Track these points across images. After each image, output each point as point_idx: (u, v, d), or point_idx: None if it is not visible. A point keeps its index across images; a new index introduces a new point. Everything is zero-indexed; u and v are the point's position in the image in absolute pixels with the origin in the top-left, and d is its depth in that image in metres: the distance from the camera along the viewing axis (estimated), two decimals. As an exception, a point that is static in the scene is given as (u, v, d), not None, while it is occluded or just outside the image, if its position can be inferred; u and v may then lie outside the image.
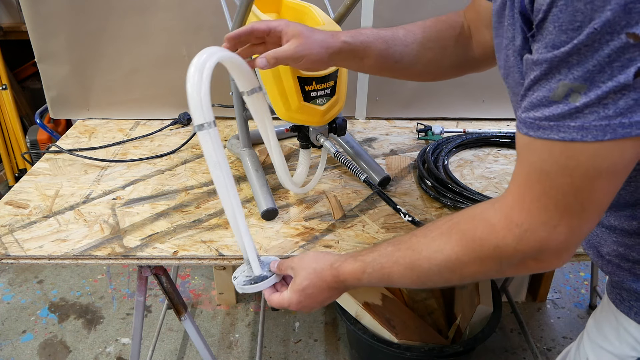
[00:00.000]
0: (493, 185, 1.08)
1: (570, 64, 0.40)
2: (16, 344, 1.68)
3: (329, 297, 0.67)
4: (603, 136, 0.40)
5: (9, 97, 2.22)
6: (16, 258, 0.87)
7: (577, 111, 0.41)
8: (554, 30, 0.40)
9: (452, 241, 0.54)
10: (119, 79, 1.40)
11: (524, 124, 0.45)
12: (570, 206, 0.45)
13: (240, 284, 0.71)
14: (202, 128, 0.62)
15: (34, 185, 1.10)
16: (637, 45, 0.37)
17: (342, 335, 1.70)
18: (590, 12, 0.37)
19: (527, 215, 0.47)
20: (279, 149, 0.86)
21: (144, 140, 1.32)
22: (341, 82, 0.91)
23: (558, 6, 0.39)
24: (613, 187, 0.45)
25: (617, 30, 0.37)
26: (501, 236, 0.49)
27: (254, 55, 0.74)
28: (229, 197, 0.66)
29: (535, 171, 0.46)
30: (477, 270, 0.53)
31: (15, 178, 2.39)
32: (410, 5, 1.30)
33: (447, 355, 1.22)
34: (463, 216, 0.55)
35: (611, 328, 0.63)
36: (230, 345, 1.67)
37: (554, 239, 0.47)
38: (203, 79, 0.61)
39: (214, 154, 0.63)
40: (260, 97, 0.77)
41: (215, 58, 0.63)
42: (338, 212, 0.99)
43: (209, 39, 1.34)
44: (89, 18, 1.31)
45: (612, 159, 0.42)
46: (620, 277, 0.59)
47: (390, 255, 0.59)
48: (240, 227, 0.69)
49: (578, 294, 1.89)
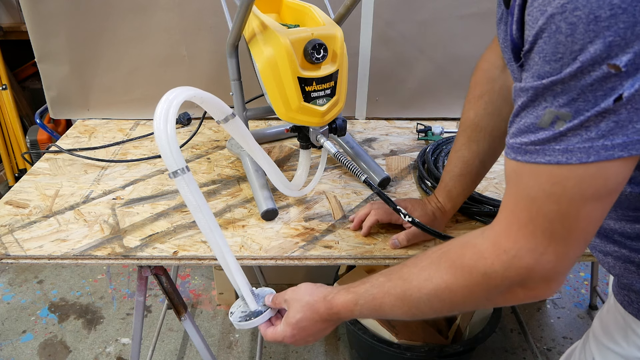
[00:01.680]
0: (493, 185, 1.08)
1: (555, 92, 0.41)
2: (16, 344, 1.68)
3: (323, 330, 0.67)
4: (587, 158, 0.41)
5: (9, 97, 2.22)
6: (16, 258, 0.87)
7: (561, 135, 0.42)
8: (539, 61, 0.42)
9: (441, 269, 0.54)
10: (119, 79, 1.40)
11: (511, 149, 0.47)
12: (557, 233, 0.46)
13: (237, 320, 0.73)
14: (177, 175, 0.63)
15: (34, 185, 1.10)
16: (617, 75, 0.38)
17: (342, 335, 1.70)
18: (571, 45, 0.39)
19: (514, 241, 0.48)
20: (270, 161, 0.87)
21: (144, 140, 1.32)
22: (341, 83, 0.91)
23: (542, 38, 0.41)
24: (599, 213, 0.45)
25: (599, 62, 0.38)
26: (489, 263, 0.50)
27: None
28: (214, 237, 0.67)
29: (523, 198, 0.47)
30: (466, 299, 0.53)
31: (15, 178, 2.39)
32: (410, 5, 1.30)
33: (447, 355, 1.22)
34: (453, 245, 0.55)
35: (618, 329, 0.63)
36: (230, 345, 1.67)
37: (542, 266, 0.47)
38: (168, 128, 0.62)
39: (192, 198, 0.64)
40: (236, 122, 0.77)
41: (177, 102, 0.64)
42: (338, 213, 0.99)
43: (209, 39, 1.34)
44: (89, 18, 1.31)
45: (597, 185, 0.43)
46: (629, 279, 0.59)
47: (382, 286, 0.60)
48: (231, 265, 0.70)
49: (578, 294, 1.89)
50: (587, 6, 0.37)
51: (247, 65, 1.01)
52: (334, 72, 0.88)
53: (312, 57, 0.84)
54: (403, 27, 1.33)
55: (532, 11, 0.42)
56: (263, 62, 0.88)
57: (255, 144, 0.82)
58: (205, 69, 1.39)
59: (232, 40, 0.95)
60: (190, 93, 0.67)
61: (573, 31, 0.38)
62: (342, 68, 0.90)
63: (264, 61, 0.87)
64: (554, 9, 0.39)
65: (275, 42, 0.85)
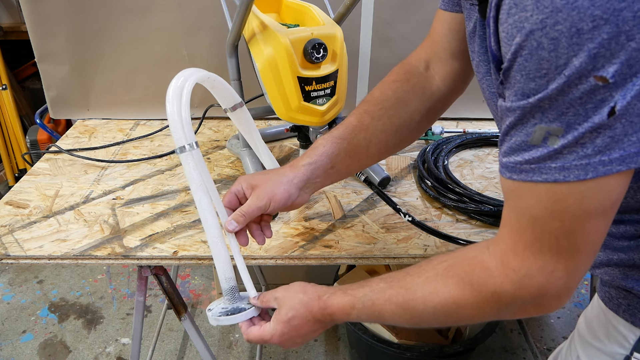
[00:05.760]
0: (493, 185, 1.08)
1: (544, 108, 0.40)
2: (16, 344, 1.68)
3: (313, 331, 0.64)
4: (585, 175, 0.41)
5: (9, 97, 2.22)
6: (16, 258, 0.87)
7: (556, 153, 0.41)
8: (521, 79, 0.41)
9: (448, 284, 0.53)
10: (119, 79, 1.40)
11: (506, 168, 0.46)
12: (564, 249, 0.45)
13: (216, 315, 0.67)
14: (184, 150, 0.61)
15: (34, 185, 1.10)
16: (606, 87, 0.37)
17: (342, 335, 1.70)
18: (556, 60, 0.38)
19: (522, 260, 0.47)
20: (272, 157, 0.86)
21: (144, 140, 1.32)
22: (341, 82, 0.91)
23: (523, 55, 0.40)
24: (604, 225, 0.45)
25: (585, 75, 0.37)
26: (499, 282, 0.49)
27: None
28: (214, 220, 0.64)
29: (525, 216, 0.46)
30: (474, 315, 0.53)
31: (15, 178, 2.39)
32: (410, 5, 1.30)
33: (447, 355, 1.22)
34: (458, 258, 0.54)
35: (601, 326, 0.63)
36: (230, 345, 1.67)
37: (553, 284, 0.47)
38: (183, 101, 0.61)
39: (197, 176, 0.62)
40: (244, 112, 0.76)
41: (193, 79, 0.64)
42: (338, 212, 0.99)
43: (209, 39, 1.34)
44: (88, 18, 1.31)
45: (599, 200, 0.42)
46: (611, 275, 0.59)
47: (383, 292, 0.58)
48: (221, 251, 0.67)
49: (578, 294, 1.89)
50: (568, 20, 0.36)
51: (247, 65, 1.01)
52: (333, 72, 0.88)
53: (311, 57, 0.84)
54: (403, 27, 1.33)
55: (507, 28, 0.41)
56: (263, 61, 0.88)
57: (260, 137, 0.81)
58: (205, 68, 1.36)
59: (232, 40, 0.95)
60: (204, 74, 0.66)
61: (556, 46, 0.38)
62: (341, 68, 0.90)
63: (263, 61, 0.88)
64: (532, 25, 0.38)
65: (275, 42, 0.85)
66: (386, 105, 0.73)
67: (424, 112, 0.74)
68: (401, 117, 0.73)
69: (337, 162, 0.71)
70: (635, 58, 0.36)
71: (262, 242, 0.72)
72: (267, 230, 0.73)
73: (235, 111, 0.74)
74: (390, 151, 0.77)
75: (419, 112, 0.74)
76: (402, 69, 0.76)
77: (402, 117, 0.73)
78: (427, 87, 0.75)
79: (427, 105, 0.74)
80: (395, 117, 0.73)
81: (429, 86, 0.75)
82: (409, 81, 0.74)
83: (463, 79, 0.75)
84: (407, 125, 0.74)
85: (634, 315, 0.58)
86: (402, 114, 0.73)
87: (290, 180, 0.68)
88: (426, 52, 0.76)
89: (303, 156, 0.71)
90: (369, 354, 1.39)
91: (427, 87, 0.75)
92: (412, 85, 0.74)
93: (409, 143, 0.80)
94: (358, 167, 0.75)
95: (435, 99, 0.75)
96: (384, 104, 0.73)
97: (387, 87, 0.75)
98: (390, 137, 0.73)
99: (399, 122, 0.73)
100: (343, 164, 0.72)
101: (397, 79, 0.75)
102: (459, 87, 0.76)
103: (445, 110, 0.78)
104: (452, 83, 0.74)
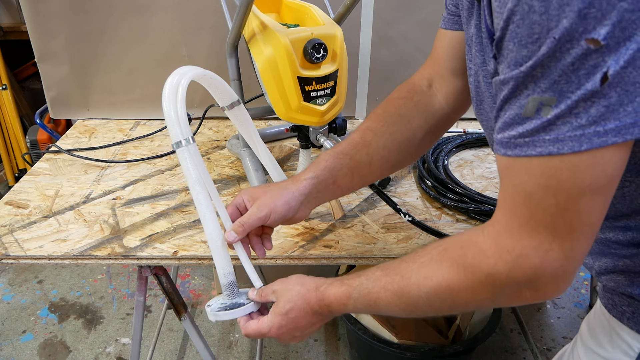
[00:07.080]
0: (493, 185, 1.08)
1: (536, 77, 0.40)
2: (16, 344, 1.68)
3: (312, 324, 0.64)
4: (579, 147, 0.39)
5: (9, 97, 2.22)
6: (16, 258, 0.87)
7: (549, 124, 0.40)
8: (514, 48, 0.40)
9: (442, 267, 0.52)
10: (119, 79, 1.40)
11: (500, 144, 0.45)
12: (559, 228, 0.44)
13: (214, 310, 0.67)
14: (180, 145, 0.61)
15: (34, 185, 1.10)
16: (598, 51, 0.36)
17: (342, 335, 1.70)
18: (547, 23, 0.37)
19: (517, 240, 0.46)
20: (270, 156, 0.86)
21: (144, 140, 1.32)
22: (341, 82, 0.91)
23: (515, 22, 0.39)
24: (600, 204, 0.43)
25: (576, 38, 0.36)
26: (492, 263, 0.48)
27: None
28: (212, 215, 0.64)
29: (519, 194, 0.45)
30: (469, 300, 0.52)
31: (15, 178, 2.39)
32: (410, 5, 1.30)
33: (447, 355, 1.22)
34: (452, 242, 0.54)
35: (604, 333, 0.62)
36: (230, 345, 1.67)
37: (549, 265, 0.45)
38: (178, 97, 0.61)
39: (193, 172, 0.62)
40: (241, 110, 0.76)
41: (189, 77, 0.64)
42: (338, 212, 0.99)
43: (209, 39, 1.34)
44: (89, 18, 1.31)
45: (594, 175, 0.41)
46: (617, 282, 0.59)
47: (378, 280, 0.57)
48: (220, 248, 0.67)
49: (578, 294, 1.89)
50: None
51: (247, 65, 1.01)
52: (333, 72, 0.88)
53: (311, 57, 0.84)
54: (403, 27, 1.33)
55: None
56: (263, 61, 0.88)
57: (258, 136, 0.81)
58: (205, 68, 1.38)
59: (232, 40, 0.95)
60: (200, 72, 0.66)
61: (547, 8, 0.37)
62: (341, 68, 0.90)
63: (263, 61, 0.88)
64: None
65: (275, 42, 0.85)
66: (389, 121, 0.73)
67: (426, 129, 0.75)
68: (403, 134, 0.73)
69: (339, 178, 0.71)
70: (628, 20, 0.35)
71: (263, 255, 0.73)
72: (267, 242, 0.73)
73: (232, 109, 0.74)
74: (392, 168, 0.77)
75: (421, 129, 0.75)
76: (406, 87, 0.77)
77: (404, 134, 0.73)
78: (429, 105, 0.75)
79: (429, 122, 0.75)
80: (398, 134, 0.73)
81: (432, 104, 0.75)
82: (412, 99, 0.75)
83: (465, 97, 0.75)
84: (409, 142, 0.74)
85: (638, 323, 0.57)
86: (404, 131, 0.73)
87: (292, 193, 0.69)
88: (429, 71, 0.77)
89: (305, 170, 0.71)
90: (369, 353, 1.39)
91: (429, 104, 0.75)
92: (414, 102, 0.74)
93: (412, 161, 0.80)
94: (360, 184, 0.75)
95: (437, 117, 0.75)
96: (387, 121, 0.73)
97: (390, 104, 0.75)
98: (392, 153, 0.73)
99: (402, 138, 0.73)
100: (345, 180, 0.72)
101: (400, 96, 0.76)
102: (462, 105, 0.76)
103: (448, 128, 0.79)
104: (454, 101, 0.75)
